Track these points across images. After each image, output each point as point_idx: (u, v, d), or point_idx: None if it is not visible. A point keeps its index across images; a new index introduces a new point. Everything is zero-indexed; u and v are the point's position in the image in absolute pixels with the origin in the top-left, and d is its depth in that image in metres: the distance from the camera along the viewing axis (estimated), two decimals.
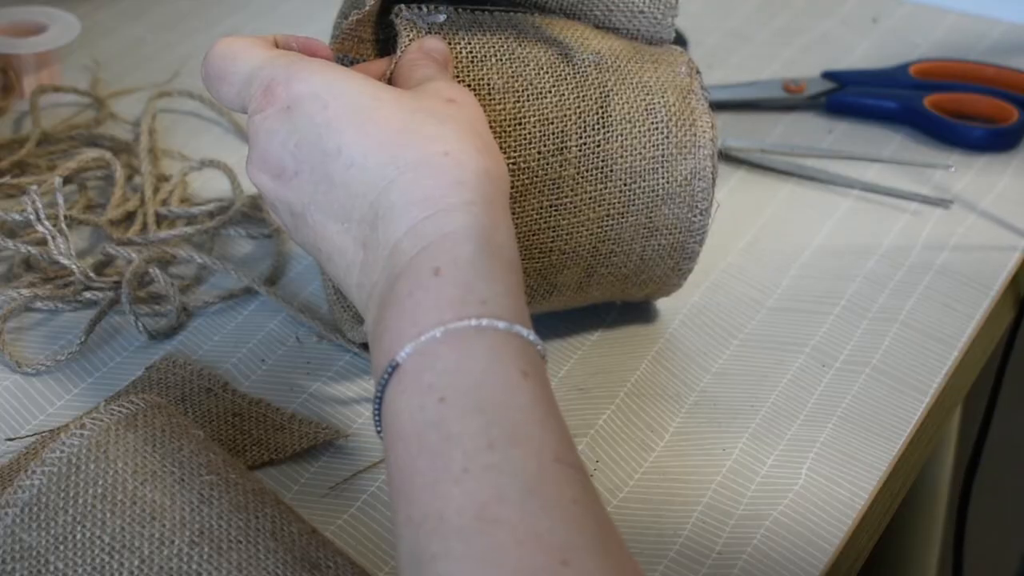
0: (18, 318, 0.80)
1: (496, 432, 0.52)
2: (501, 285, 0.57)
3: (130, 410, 0.64)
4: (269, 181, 0.64)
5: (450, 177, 0.59)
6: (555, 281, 0.74)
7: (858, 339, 0.81)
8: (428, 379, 0.54)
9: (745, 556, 0.67)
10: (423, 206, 0.59)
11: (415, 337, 0.55)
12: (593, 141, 0.72)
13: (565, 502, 0.51)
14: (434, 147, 0.60)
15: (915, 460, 0.77)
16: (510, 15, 0.73)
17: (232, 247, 0.87)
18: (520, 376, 0.54)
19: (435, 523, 0.51)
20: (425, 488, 0.52)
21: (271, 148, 0.63)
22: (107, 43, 1.08)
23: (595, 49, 0.73)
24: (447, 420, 0.53)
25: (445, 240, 0.58)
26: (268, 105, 0.63)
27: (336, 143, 0.61)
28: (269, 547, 0.60)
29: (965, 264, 0.87)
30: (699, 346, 0.80)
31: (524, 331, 0.56)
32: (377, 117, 0.61)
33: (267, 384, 0.76)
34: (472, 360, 0.54)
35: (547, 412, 0.54)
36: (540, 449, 0.52)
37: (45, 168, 0.91)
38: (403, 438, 0.54)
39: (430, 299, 0.56)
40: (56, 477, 0.61)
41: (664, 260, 0.75)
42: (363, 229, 0.61)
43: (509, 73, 0.70)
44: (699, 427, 0.74)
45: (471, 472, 0.51)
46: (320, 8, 0.97)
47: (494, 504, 0.50)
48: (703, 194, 0.74)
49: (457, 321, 0.55)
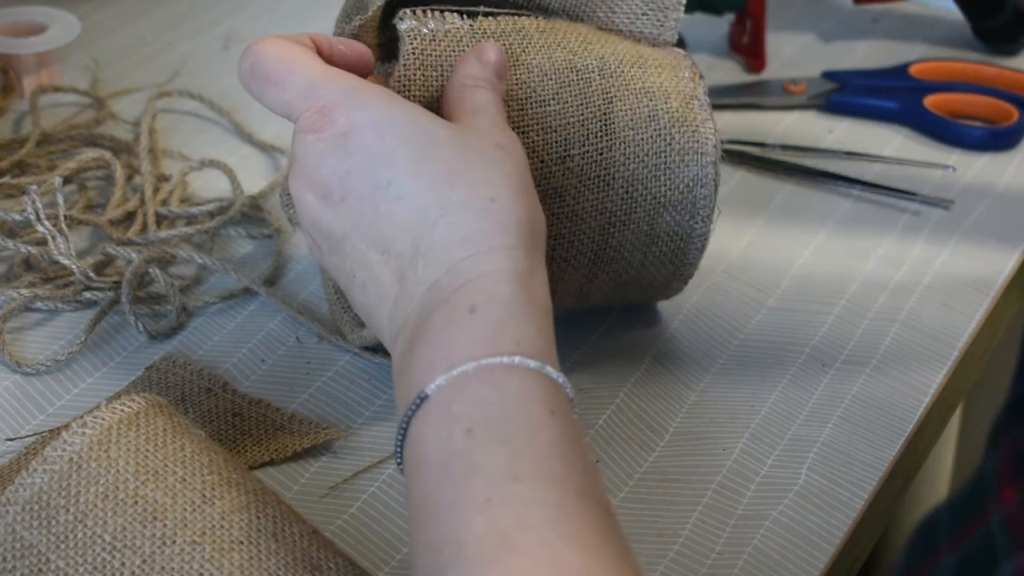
0: (18, 318, 0.80)
1: (521, 465, 0.53)
2: (534, 328, 0.58)
3: (132, 409, 0.64)
4: (313, 201, 0.64)
5: (494, 222, 0.60)
6: (556, 288, 0.74)
7: (858, 339, 0.81)
8: (457, 410, 0.55)
9: (745, 556, 0.67)
10: (465, 247, 0.59)
11: (447, 370, 0.56)
12: (596, 149, 0.71)
13: (587, 533, 0.51)
14: (482, 191, 0.60)
15: (915, 460, 0.77)
16: (514, 19, 0.72)
17: (232, 247, 0.87)
18: (548, 414, 0.55)
19: (455, 549, 0.51)
20: (446, 515, 0.52)
21: (321, 171, 0.63)
22: (107, 43, 1.08)
23: (599, 54, 0.72)
24: (473, 450, 0.53)
25: (483, 279, 0.58)
26: (324, 128, 0.63)
27: (387, 176, 0.61)
28: (271, 548, 0.60)
29: (965, 264, 0.87)
30: (699, 346, 0.80)
31: (554, 373, 0.57)
32: (431, 155, 0.61)
33: (267, 384, 0.76)
34: (501, 395, 0.55)
35: (573, 450, 0.54)
36: (564, 484, 0.53)
37: (45, 168, 0.91)
38: (427, 466, 0.55)
39: (464, 334, 0.57)
40: (57, 476, 0.61)
41: (665, 266, 0.75)
42: (401, 263, 0.61)
43: (513, 81, 0.70)
44: (699, 427, 0.74)
45: (493, 501, 0.52)
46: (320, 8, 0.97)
47: (515, 532, 0.51)
48: (705, 201, 0.73)
49: (490, 357, 0.56)
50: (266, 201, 0.90)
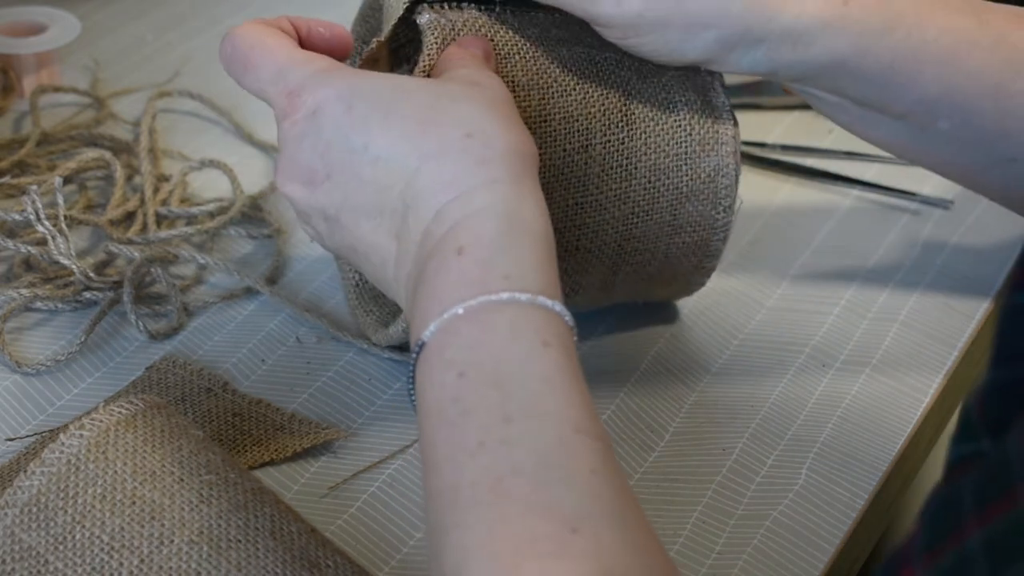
0: (18, 318, 0.80)
1: (513, 406, 0.53)
2: (526, 259, 0.58)
3: (129, 411, 0.64)
4: (300, 189, 0.65)
5: (474, 158, 0.60)
6: (580, 280, 0.74)
7: (858, 339, 0.81)
8: (449, 355, 0.55)
9: (745, 556, 0.67)
10: (448, 190, 0.59)
11: (438, 315, 0.56)
12: (617, 139, 0.71)
13: (583, 472, 0.52)
14: (456, 131, 0.61)
15: (915, 460, 0.77)
16: (531, 15, 0.72)
17: (232, 247, 0.87)
18: (541, 347, 0.55)
19: (452, 495, 0.52)
20: (444, 461, 0.53)
21: (300, 154, 0.64)
22: (107, 43, 1.08)
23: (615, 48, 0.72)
24: (465, 395, 0.54)
25: (468, 220, 0.58)
26: (294, 111, 0.64)
27: (362, 140, 0.62)
28: (268, 546, 0.60)
29: (965, 264, 0.87)
30: (699, 346, 0.80)
31: (548, 302, 0.56)
32: (399, 108, 0.62)
33: (267, 384, 0.76)
34: (492, 335, 0.55)
35: (569, 382, 0.54)
36: (558, 420, 0.53)
37: (45, 168, 0.91)
38: (428, 414, 0.55)
39: (452, 278, 0.57)
40: (55, 477, 0.61)
41: (688, 258, 0.75)
42: (395, 221, 0.61)
43: (534, 70, 0.70)
44: (699, 427, 0.74)
45: (486, 446, 0.52)
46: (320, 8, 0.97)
47: (508, 477, 0.51)
48: (726, 191, 0.74)
49: (477, 297, 0.56)
50: (266, 201, 0.90)
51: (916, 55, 0.70)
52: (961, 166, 0.76)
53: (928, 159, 0.77)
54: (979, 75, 0.71)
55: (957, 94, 0.71)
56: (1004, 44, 0.71)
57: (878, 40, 0.69)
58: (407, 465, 0.71)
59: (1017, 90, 0.71)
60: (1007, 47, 0.71)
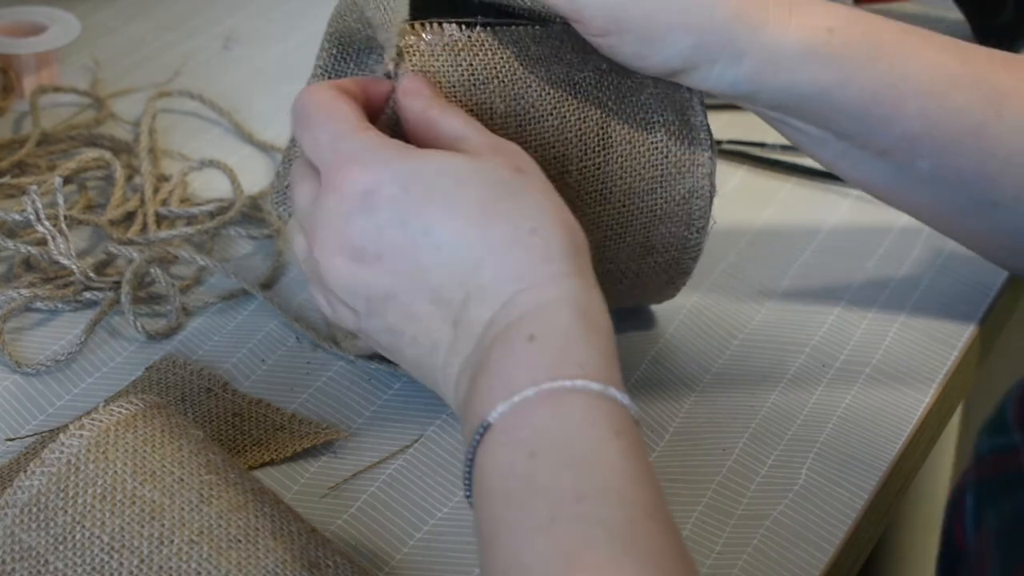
0: (18, 318, 0.80)
1: (585, 486, 0.53)
2: (596, 350, 0.58)
3: (129, 411, 0.64)
4: (345, 265, 0.63)
5: (540, 254, 0.59)
6: None
7: (858, 339, 0.81)
8: (520, 436, 0.55)
9: (745, 556, 0.67)
10: (516, 282, 0.59)
11: (508, 397, 0.56)
12: (593, 163, 0.71)
13: (654, 550, 0.51)
14: (520, 224, 0.60)
15: (915, 460, 0.77)
16: (510, 30, 0.71)
17: (232, 247, 0.87)
18: (612, 435, 0.55)
19: (520, 573, 0.51)
20: (511, 538, 0.52)
21: (350, 232, 0.62)
22: (107, 43, 1.08)
23: (596, 65, 0.72)
24: (537, 473, 0.54)
25: (540, 309, 0.58)
26: (342, 185, 0.62)
27: (423, 227, 0.61)
28: (268, 546, 0.60)
29: (965, 264, 0.87)
30: (699, 346, 0.80)
31: (618, 395, 0.56)
32: (459, 195, 0.61)
33: (267, 384, 0.76)
34: (565, 419, 0.55)
35: (639, 471, 0.54)
36: (630, 502, 0.53)
37: (45, 168, 0.91)
38: (492, 493, 0.55)
39: (524, 362, 0.57)
40: (55, 478, 0.61)
41: (659, 276, 0.75)
42: (453, 309, 0.61)
43: (511, 96, 0.69)
44: (699, 427, 0.74)
45: (558, 521, 0.52)
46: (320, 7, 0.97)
47: (580, 551, 0.51)
48: (700, 212, 0.73)
49: (551, 381, 0.56)
50: (266, 201, 0.90)
51: (899, 87, 0.70)
52: (943, 210, 0.76)
53: (910, 200, 0.77)
54: (961, 113, 0.71)
55: (939, 131, 0.71)
56: (985, 84, 0.71)
57: (861, 70, 0.70)
58: (407, 465, 0.71)
59: (998, 132, 0.71)
60: (988, 88, 0.71)
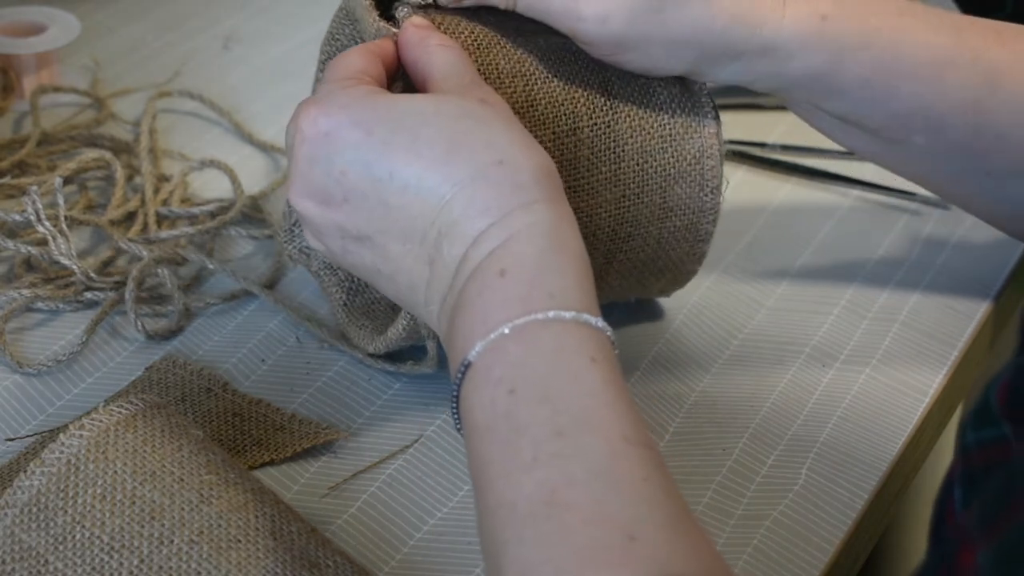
0: (19, 318, 0.80)
1: (564, 420, 0.54)
2: (568, 278, 0.59)
3: (129, 411, 0.64)
4: (314, 207, 0.64)
5: (508, 184, 0.60)
6: None
7: (858, 339, 0.81)
8: (497, 373, 0.56)
9: (745, 556, 0.67)
10: (486, 215, 0.60)
11: (484, 335, 0.57)
12: (603, 121, 0.72)
13: (635, 480, 0.52)
14: (486, 157, 0.61)
15: (915, 460, 0.77)
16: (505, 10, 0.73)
17: (233, 247, 0.87)
18: (588, 362, 0.56)
19: (507, 511, 0.53)
20: (498, 478, 0.54)
21: (313, 176, 0.63)
22: (107, 43, 1.08)
23: None
24: (516, 411, 0.55)
25: (509, 242, 0.59)
26: (305, 128, 0.63)
27: (387, 168, 0.61)
28: (268, 546, 0.60)
29: (965, 264, 0.87)
30: (699, 346, 0.80)
31: (592, 319, 0.58)
32: (423, 135, 0.61)
33: (267, 384, 0.76)
34: (539, 352, 0.56)
35: (616, 395, 0.55)
36: (608, 432, 0.54)
37: (45, 168, 0.92)
38: (477, 431, 0.56)
39: (497, 298, 0.58)
40: (55, 478, 0.61)
41: (680, 243, 0.76)
42: (427, 248, 0.61)
43: (515, 58, 0.71)
44: (699, 427, 0.74)
45: (540, 460, 0.53)
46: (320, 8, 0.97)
47: (563, 489, 0.52)
48: (712, 172, 0.74)
49: (523, 316, 0.57)
50: (266, 201, 0.90)
51: (892, 71, 0.71)
52: (940, 179, 0.77)
53: (906, 170, 0.78)
54: (955, 92, 0.71)
55: (932, 110, 0.72)
56: (981, 61, 0.72)
57: (854, 55, 0.70)
58: (407, 465, 0.72)
59: (992, 107, 0.72)
60: (983, 65, 0.72)
